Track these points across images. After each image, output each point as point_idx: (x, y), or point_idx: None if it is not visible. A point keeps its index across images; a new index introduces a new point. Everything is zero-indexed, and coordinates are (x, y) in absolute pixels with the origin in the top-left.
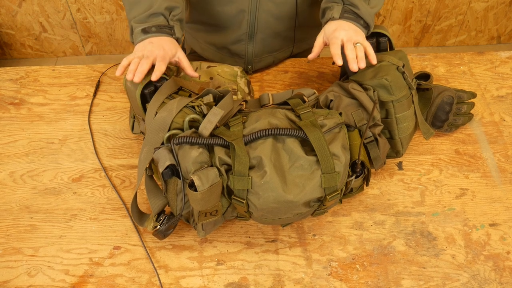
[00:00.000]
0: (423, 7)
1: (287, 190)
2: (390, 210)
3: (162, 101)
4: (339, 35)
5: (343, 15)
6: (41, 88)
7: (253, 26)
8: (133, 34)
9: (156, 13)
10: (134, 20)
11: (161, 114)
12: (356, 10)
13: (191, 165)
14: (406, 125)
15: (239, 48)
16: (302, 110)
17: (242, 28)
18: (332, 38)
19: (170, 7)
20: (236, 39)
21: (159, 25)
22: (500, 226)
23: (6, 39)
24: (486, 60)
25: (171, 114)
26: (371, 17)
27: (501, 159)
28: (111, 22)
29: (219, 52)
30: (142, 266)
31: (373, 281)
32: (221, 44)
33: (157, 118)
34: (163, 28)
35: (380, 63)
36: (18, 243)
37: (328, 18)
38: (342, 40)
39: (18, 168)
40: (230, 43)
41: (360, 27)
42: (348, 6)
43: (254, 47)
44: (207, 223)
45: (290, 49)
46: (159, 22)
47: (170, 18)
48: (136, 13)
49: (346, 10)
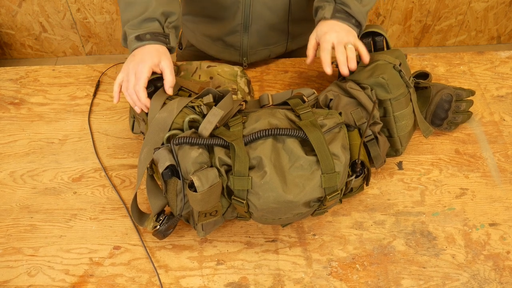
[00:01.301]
0: (423, 7)
1: (287, 190)
2: (390, 210)
3: (163, 101)
4: (330, 38)
5: (335, 15)
6: (41, 88)
7: (247, 17)
8: (126, 40)
9: (151, 18)
10: (127, 26)
11: (162, 114)
12: (347, 9)
13: (191, 166)
14: (405, 123)
15: (234, 39)
16: (302, 110)
17: (237, 19)
18: (323, 42)
19: (166, 12)
20: (231, 30)
21: (154, 32)
22: (500, 226)
23: (6, 39)
24: (486, 60)
25: (171, 114)
26: (362, 15)
27: (501, 159)
28: (111, 22)
29: (214, 44)
30: (142, 266)
31: (373, 281)
32: (216, 36)
33: (157, 118)
34: (158, 36)
35: (376, 62)
36: (18, 243)
37: (320, 17)
38: (332, 43)
39: (18, 168)
40: (225, 34)
41: (352, 26)
42: (339, 5)
43: (249, 39)
44: (207, 223)
45: (285, 43)
46: (154, 28)
47: (165, 25)
48: (130, 16)
49: (337, 10)
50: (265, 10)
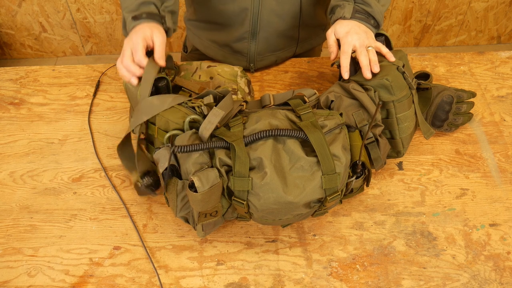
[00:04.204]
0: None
1: (287, 191)
2: (390, 210)
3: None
4: (352, 40)
5: (355, 15)
6: (41, 88)
7: (255, 24)
8: (126, 28)
9: (148, 2)
10: (125, 10)
11: (154, 100)
12: (368, 8)
13: (191, 166)
14: (407, 125)
15: (241, 46)
16: (302, 110)
17: (245, 26)
18: (344, 43)
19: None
20: (239, 37)
21: (150, 12)
22: (500, 226)
23: (6, 39)
24: (486, 60)
25: (162, 105)
26: (381, 15)
27: (502, 159)
28: (111, 22)
29: (221, 50)
30: (142, 266)
31: (373, 281)
32: (223, 42)
33: (148, 100)
34: (154, 16)
35: (380, 63)
36: (18, 243)
37: (338, 16)
38: (354, 46)
39: (18, 168)
40: (232, 41)
41: (370, 27)
42: (359, 5)
43: (257, 45)
44: (207, 224)
45: (294, 48)
46: (150, 10)
47: (161, 9)
48: (129, 3)
49: (357, 10)
50: (274, 17)
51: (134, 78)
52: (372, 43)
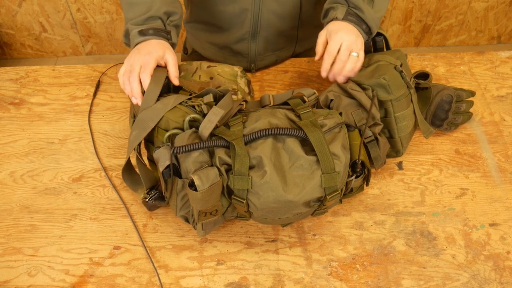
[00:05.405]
0: (423, 7)
1: (287, 190)
2: (390, 210)
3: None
4: (340, 39)
5: (347, 17)
6: (41, 88)
7: (256, 25)
8: (129, 36)
9: (154, 17)
10: (131, 22)
11: (157, 105)
12: (360, 13)
13: (191, 165)
14: (405, 124)
15: (241, 47)
16: (302, 110)
17: (245, 27)
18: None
19: (168, 12)
20: (239, 38)
21: (156, 28)
22: (500, 226)
23: (6, 39)
24: (486, 60)
25: (165, 108)
26: (375, 22)
27: (501, 159)
28: (111, 22)
29: (221, 51)
30: (142, 266)
31: (373, 281)
32: (223, 44)
33: (152, 107)
34: (160, 32)
35: (377, 63)
36: (18, 243)
37: (331, 18)
38: (340, 45)
39: (18, 168)
40: (232, 42)
41: (361, 32)
42: (352, 9)
43: (257, 46)
44: (207, 223)
45: (293, 48)
46: (156, 25)
47: (167, 23)
48: (133, 15)
49: (350, 13)
50: (274, 17)
51: (134, 98)
52: (359, 50)
